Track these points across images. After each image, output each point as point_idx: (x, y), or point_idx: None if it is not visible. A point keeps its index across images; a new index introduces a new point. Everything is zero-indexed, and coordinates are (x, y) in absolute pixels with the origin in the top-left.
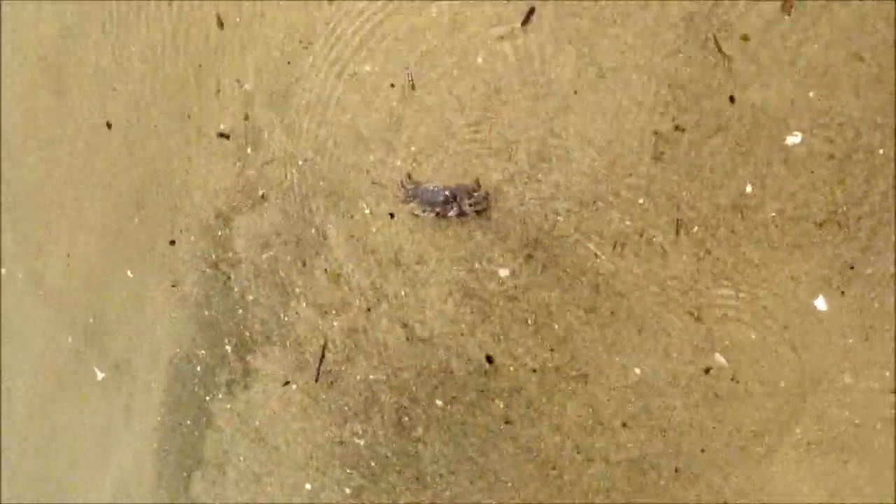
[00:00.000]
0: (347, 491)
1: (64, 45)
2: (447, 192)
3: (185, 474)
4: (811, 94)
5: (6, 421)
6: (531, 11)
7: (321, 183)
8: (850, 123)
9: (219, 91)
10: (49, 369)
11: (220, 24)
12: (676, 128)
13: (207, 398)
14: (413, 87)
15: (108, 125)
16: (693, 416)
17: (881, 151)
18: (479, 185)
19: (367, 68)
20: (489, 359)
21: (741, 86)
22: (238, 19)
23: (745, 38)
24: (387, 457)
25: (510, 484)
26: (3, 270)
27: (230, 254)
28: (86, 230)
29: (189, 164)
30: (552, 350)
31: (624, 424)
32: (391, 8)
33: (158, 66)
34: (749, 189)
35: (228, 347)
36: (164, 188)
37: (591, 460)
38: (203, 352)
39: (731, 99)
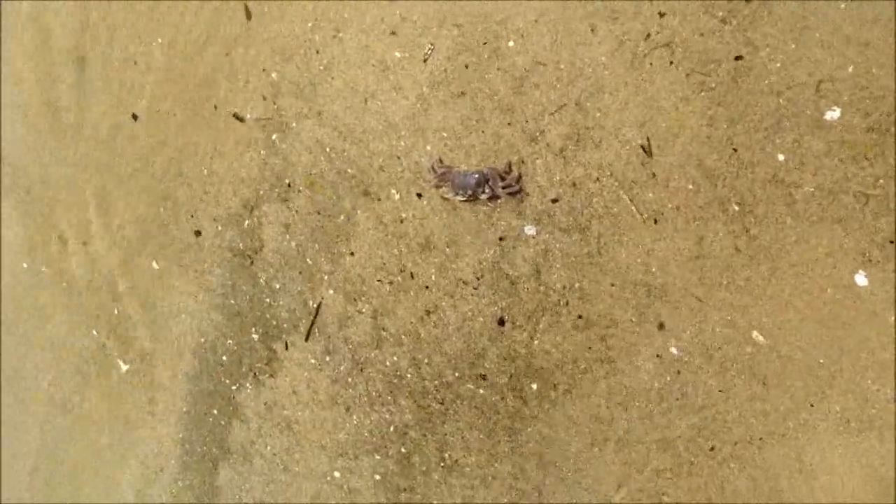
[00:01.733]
0: (377, 477)
1: (88, 36)
2: (479, 176)
3: (211, 464)
4: (850, 68)
5: (30, 413)
6: None
7: (349, 170)
8: (888, 97)
9: (246, 81)
10: (73, 362)
11: (248, 15)
12: (712, 104)
13: (234, 388)
14: (425, 61)
15: (135, 116)
16: (729, 393)
17: None
18: (510, 168)
19: (397, 55)
20: (519, 336)
21: (779, 62)
22: (266, 9)
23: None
24: (416, 442)
25: (542, 466)
26: (25, 264)
27: (257, 242)
28: (110, 222)
29: (215, 154)
30: (585, 329)
31: (658, 403)
32: None
33: (185, 57)
34: (788, 165)
35: (255, 336)
36: (190, 178)
37: (625, 440)
38: (229, 341)
39: (770, 75)
